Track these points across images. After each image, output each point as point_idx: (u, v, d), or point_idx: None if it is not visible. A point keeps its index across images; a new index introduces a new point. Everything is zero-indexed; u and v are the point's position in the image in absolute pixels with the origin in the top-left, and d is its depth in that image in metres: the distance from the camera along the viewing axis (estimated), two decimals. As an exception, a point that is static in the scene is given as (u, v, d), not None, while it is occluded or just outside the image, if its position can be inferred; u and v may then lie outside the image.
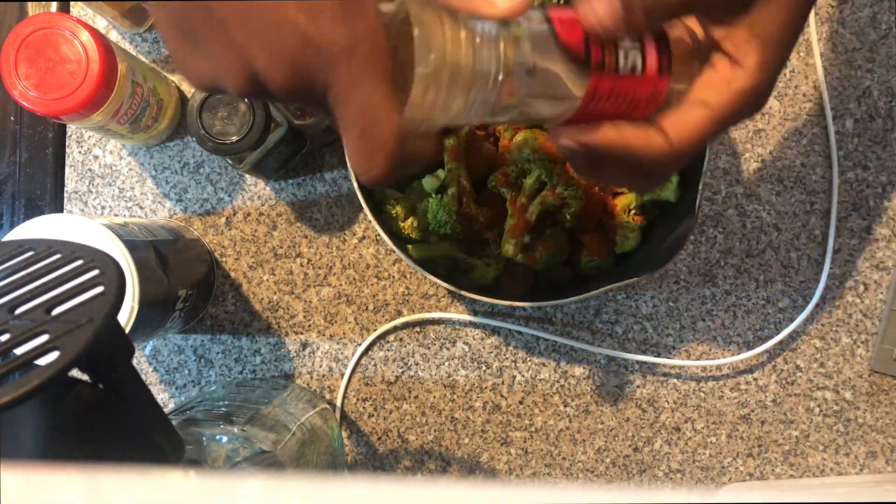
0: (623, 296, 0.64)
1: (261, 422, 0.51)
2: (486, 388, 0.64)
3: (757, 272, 0.63)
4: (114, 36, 0.65)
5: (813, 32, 0.63)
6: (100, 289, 0.28)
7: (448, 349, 0.64)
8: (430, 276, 0.53)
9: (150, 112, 0.59)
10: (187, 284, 0.57)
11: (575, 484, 0.64)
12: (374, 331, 0.63)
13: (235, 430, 0.48)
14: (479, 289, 0.55)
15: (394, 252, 0.61)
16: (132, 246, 0.50)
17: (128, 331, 0.49)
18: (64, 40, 0.52)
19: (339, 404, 0.64)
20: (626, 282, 0.51)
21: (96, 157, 0.65)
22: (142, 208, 0.65)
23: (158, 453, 0.32)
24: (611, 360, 0.64)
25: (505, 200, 0.55)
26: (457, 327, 0.64)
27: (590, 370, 0.64)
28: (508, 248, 0.54)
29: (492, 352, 0.64)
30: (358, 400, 0.64)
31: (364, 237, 0.64)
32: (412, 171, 0.32)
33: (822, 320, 0.63)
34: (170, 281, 0.54)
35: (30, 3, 0.64)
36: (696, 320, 0.63)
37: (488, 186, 0.56)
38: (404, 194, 0.58)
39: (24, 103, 0.52)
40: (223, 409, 0.53)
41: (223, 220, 0.64)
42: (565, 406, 0.64)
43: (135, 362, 0.50)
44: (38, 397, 0.25)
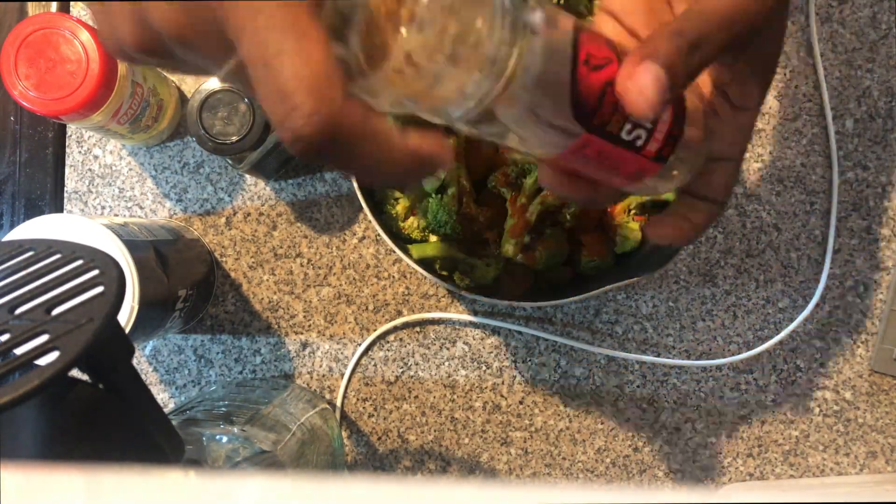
0: (623, 296, 0.64)
1: (261, 422, 0.51)
2: (486, 388, 0.64)
3: (757, 272, 0.63)
4: (114, 36, 0.65)
5: (813, 32, 0.63)
6: (100, 289, 0.28)
7: (448, 349, 0.64)
8: (430, 276, 0.53)
9: (150, 112, 0.59)
10: (187, 284, 0.57)
11: (575, 484, 0.64)
12: (374, 331, 0.63)
13: (235, 430, 0.48)
14: (479, 289, 0.55)
15: (394, 252, 0.61)
16: (132, 246, 0.50)
17: (128, 331, 0.49)
18: (64, 40, 0.52)
19: (339, 404, 0.64)
20: (626, 282, 0.51)
21: (96, 157, 0.65)
22: (142, 208, 0.65)
23: (158, 453, 0.32)
24: (611, 360, 0.64)
25: (505, 200, 0.55)
26: (457, 327, 0.64)
27: (590, 370, 0.64)
28: (508, 248, 0.54)
29: (492, 352, 0.64)
30: (358, 400, 0.64)
31: (364, 237, 0.64)
32: (421, 178, 0.26)
33: (822, 320, 0.63)
34: (170, 281, 0.54)
35: (30, 3, 0.64)
36: (696, 320, 0.63)
37: (488, 186, 0.56)
38: (404, 194, 0.58)
39: (24, 103, 0.52)
40: (223, 409, 0.53)
41: (223, 220, 0.64)
42: (565, 406, 0.64)
43: (135, 362, 0.50)
44: (38, 397, 0.25)
